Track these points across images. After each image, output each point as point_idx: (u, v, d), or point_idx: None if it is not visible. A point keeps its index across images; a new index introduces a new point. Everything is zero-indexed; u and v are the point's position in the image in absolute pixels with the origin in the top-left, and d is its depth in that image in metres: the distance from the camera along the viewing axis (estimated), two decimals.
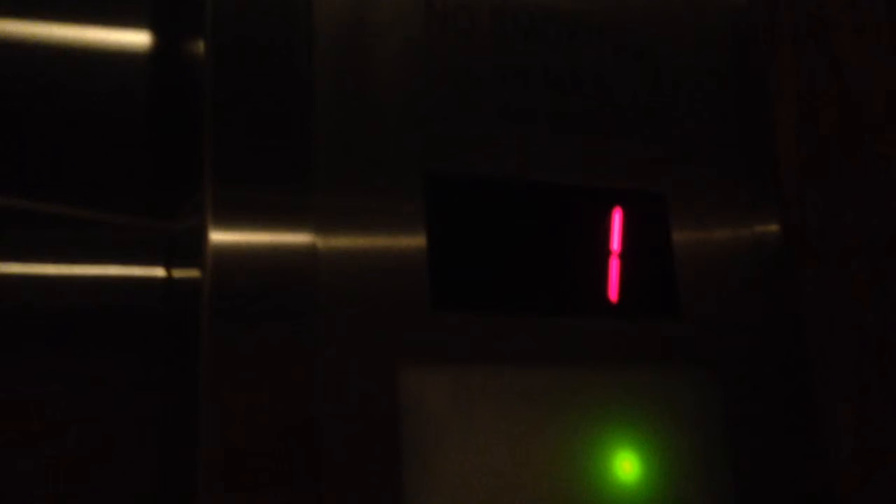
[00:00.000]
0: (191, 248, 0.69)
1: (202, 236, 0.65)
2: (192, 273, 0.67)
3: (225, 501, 0.62)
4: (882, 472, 0.80)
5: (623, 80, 0.82)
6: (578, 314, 0.75)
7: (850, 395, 0.81)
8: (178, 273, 0.74)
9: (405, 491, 0.66)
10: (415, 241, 0.71)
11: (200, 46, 0.70)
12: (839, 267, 0.84)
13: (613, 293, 0.76)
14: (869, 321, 0.83)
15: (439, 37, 0.76)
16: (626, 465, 0.73)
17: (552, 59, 0.79)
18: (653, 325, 0.77)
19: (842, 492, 0.79)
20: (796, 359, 0.81)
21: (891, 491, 0.80)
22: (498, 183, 0.75)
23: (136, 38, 0.81)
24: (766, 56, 0.88)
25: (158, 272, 0.77)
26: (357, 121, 0.72)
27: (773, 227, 0.84)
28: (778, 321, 0.81)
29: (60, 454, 0.72)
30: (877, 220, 0.86)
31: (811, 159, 0.86)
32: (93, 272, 0.75)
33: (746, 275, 0.81)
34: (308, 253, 0.67)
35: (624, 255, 0.77)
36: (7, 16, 0.78)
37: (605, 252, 0.77)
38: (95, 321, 0.74)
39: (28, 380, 0.72)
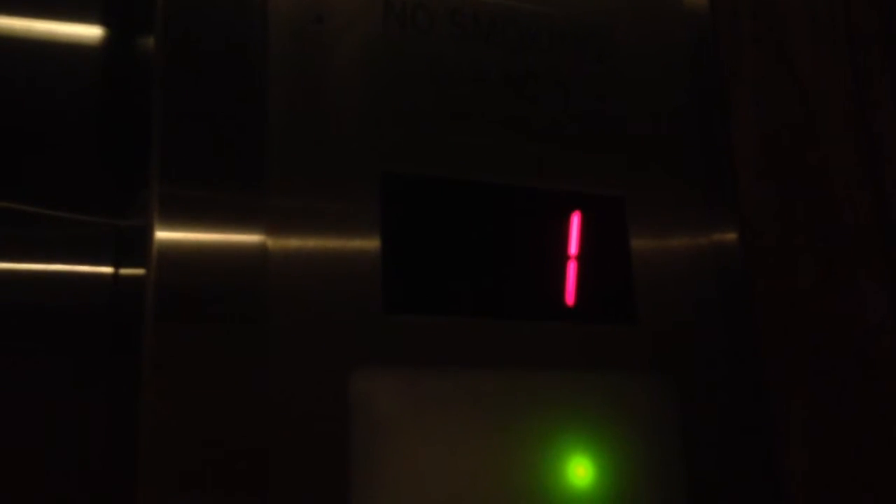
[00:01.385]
0: (137, 245, 0.68)
1: (148, 234, 0.64)
2: (139, 271, 0.67)
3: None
4: (829, 467, 0.80)
5: (583, 84, 0.81)
6: (535, 318, 0.75)
7: (800, 393, 0.81)
8: (126, 271, 0.73)
9: (353, 495, 0.65)
10: (368, 242, 0.70)
11: (151, 43, 0.70)
12: (791, 270, 0.84)
13: (570, 297, 0.76)
14: (818, 323, 0.83)
15: (398, 37, 0.76)
16: (580, 470, 0.73)
17: (512, 62, 0.79)
18: (609, 329, 0.77)
19: (792, 488, 0.79)
20: (750, 362, 0.81)
21: (837, 482, 0.80)
22: (454, 185, 0.74)
23: (87, 33, 0.81)
24: (725, 61, 0.88)
25: (106, 270, 0.76)
26: (312, 120, 0.71)
27: (731, 235, 0.84)
28: (733, 326, 0.81)
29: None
30: (828, 226, 0.86)
31: (768, 165, 0.86)
32: (40, 268, 0.75)
33: (703, 280, 0.81)
34: (258, 253, 0.67)
35: (581, 259, 0.77)
36: None
37: (563, 256, 0.76)
38: (42, 317, 0.74)
39: None
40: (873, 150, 0.88)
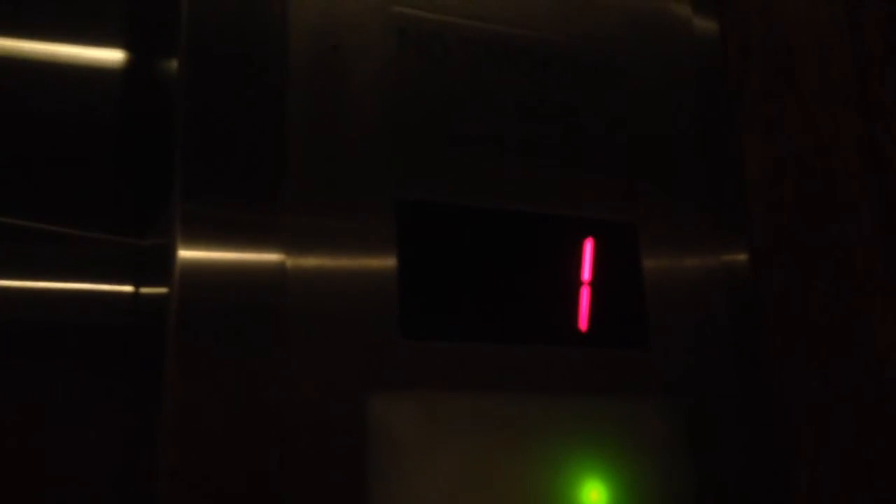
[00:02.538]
0: (159, 265, 0.69)
1: (170, 253, 0.65)
2: (160, 290, 0.67)
3: None
4: (843, 490, 0.80)
5: (595, 111, 0.82)
6: (548, 343, 0.75)
7: (813, 416, 0.81)
8: (146, 290, 0.74)
9: None
10: (385, 264, 0.71)
11: (174, 66, 0.70)
12: (802, 295, 0.84)
13: (583, 323, 0.76)
14: (829, 346, 0.83)
15: (413, 63, 0.77)
16: (594, 494, 0.73)
17: (524, 89, 0.80)
18: (622, 354, 0.77)
19: None
20: (762, 387, 0.81)
21: None
22: (469, 211, 0.75)
23: (108, 56, 0.82)
24: (735, 87, 0.89)
25: (126, 288, 0.76)
26: (329, 143, 0.72)
27: (742, 256, 0.84)
28: (745, 350, 0.82)
29: (22, 464, 0.71)
30: (838, 251, 0.87)
31: (777, 192, 0.87)
32: (61, 287, 0.75)
33: (715, 304, 0.82)
34: (277, 272, 0.67)
35: (594, 285, 0.77)
36: None
37: (576, 281, 0.77)
38: (63, 336, 0.74)
39: None
40: (883, 175, 0.89)
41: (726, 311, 0.82)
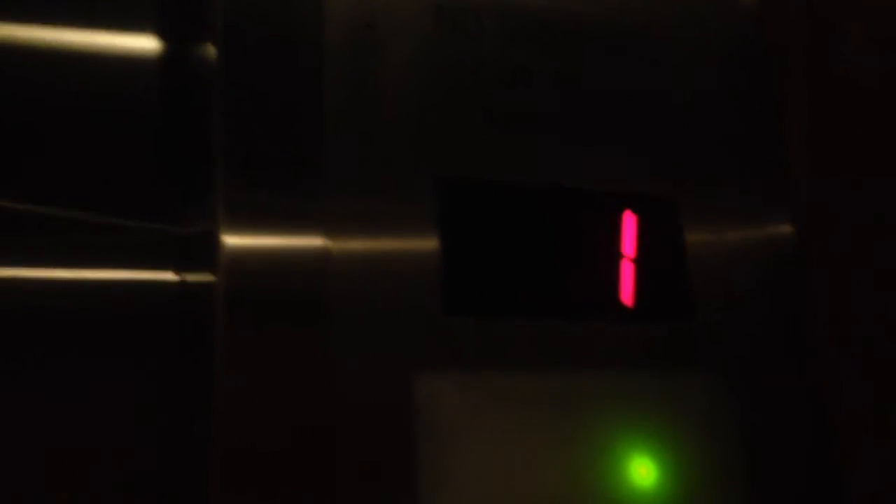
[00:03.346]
0: (203, 252, 0.68)
1: (215, 240, 0.65)
2: (204, 277, 0.67)
3: None
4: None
5: (633, 84, 0.81)
6: (592, 319, 0.74)
7: (865, 398, 0.80)
8: (190, 277, 0.74)
9: (420, 496, 0.65)
10: (427, 244, 0.71)
11: (211, 51, 0.70)
12: (854, 271, 0.83)
13: (627, 297, 0.76)
14: (879, 320, 0.82)
15: (448, 39, 0.76)
16: (642, 470, 0.73)
17: (562, 63, 0.79)
18: (667, 328, 0.77)
19: (857, 484, 0.78)
20: (811, 362, 0.81)
21: None
22: (510, 187, 0.75)
23: (146, 44, 0.81)
24: (777, 56, 0.87)
25: (170, 276, 0.76)
26: (368, 124, 0.71)
27: (786, 229, 0.83)
28: (792, 324, 0.81)
29: (71, 453, 0.72)
30: (886, 217, 0.85)
31: (824, 160, 0.86)
32: (104, 276, 0.75)
33: (760, 277, 0.81)
34: (320, 256, 0.67)
35: (637, 260, 0.77)
36: (17, 22, 0.78)
37: (619, 256, 0.76)
38: (107, 324, 0.74)
39: (40, 382, 0.72)
40: None
41: (771, 286, 0.81)
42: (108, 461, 0.72)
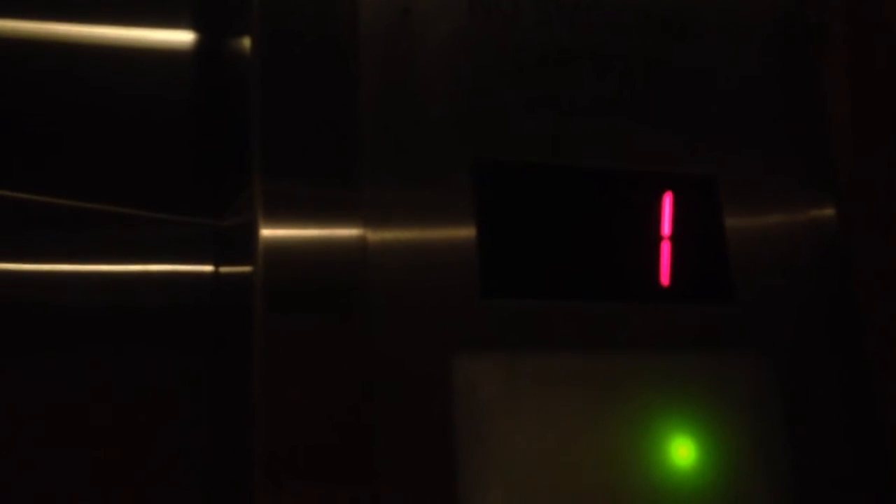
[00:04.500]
0: (240, 243, 0.69)
1: (253, 232, 0.65)
2: (243, 269, 0.68)
3: (280, 493, 0.62)
4: None
5: (671, 63, 0.81)
6: (630, 299, 0.74)
7: None
8: (227, 269, 0.74)
9: (460, 479, 0.66)
10: (463, 229, 0.71)
11: (246, 43, 0.70)
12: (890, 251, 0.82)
13: (665, 277, 0.75)
14: None
15: (484, 24, 0.76)
16: (682, 451, 0.72)
17: (598, 44, 0.79)
18: (706, 308, 0.76)
19: None
20: (854, 344, 0.80)
21: None
22: (546, 168, 0.74)
23: (182, 37, 0.82)
24: (817, 33, 0.86)
25: (207, 268, 0.77)
26: (404, 112, 0.71)
27: (829, 211, 0.82)
28: (835, 306, 0.80)
29: (112, 447, 0.72)
30: None
31: (868, 141, 0.84)
32: (142, 269, 0.76)
33: (801, 258, 0.80)
34: (358, 246, 0.67)
35: (675, 239, 0.76)
36: (55, 19, 0.79)
37: (657, 236, 0.76)
38: (145, 318, 0.75)
39: (79, 374, 0.73)
40: None
41: (813, 266, 0.80)
42: (147, 455, 0.73)
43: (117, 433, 0.73)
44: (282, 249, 0.65)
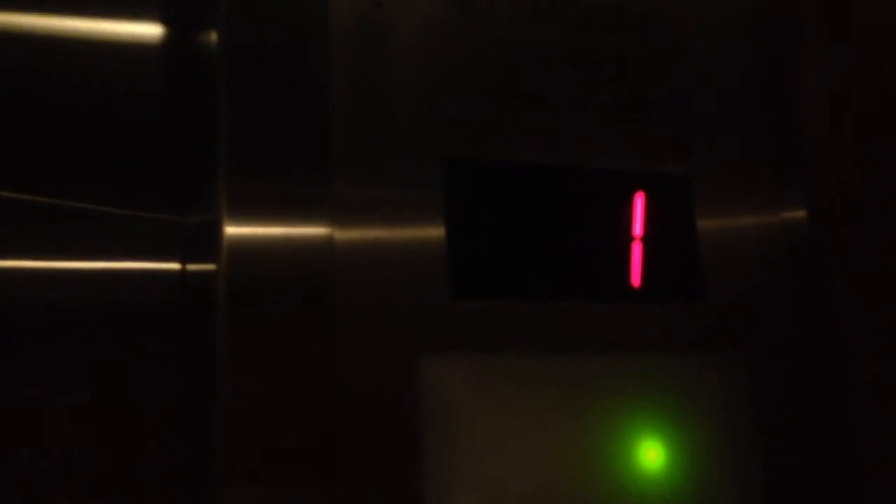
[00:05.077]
0: (206, 241, 0.68)
1: (217, 229, 0.64)
2: (208, 266, 0.67)
3: (241, 493, 0.61)
4: None
5: (645, 63, 0.80)
6: (601, 300, 0.74)
7: (880, 384, 0.79)
8: (194, 266, 0.73)
9: (425, 480, 0.65)
10: (433, 229, 0.70)
11: (213, 38, 0.69)
12: (870, 256, 0.82)
13: (636, 278, 0.75)
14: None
15: (458, 19, 0.75)
16: (651, 453, 0.72)
17: (573, 42, 0.78)
18: (677, 310, 0.76)
19: (872, 481, 0.78)
20: (826, 346, 0.80)
21: None
22: (517, 167, 0.74)
23: (149, 31, 0.80)
24: (793, 34, 0.86)
25: (174, 266, 0.76)
26: (374, 108, 0.70)
27: (801, 213, 0.82)
28: (807, 307, 0.80)
29: (75, 448, 0.71)
30: None
31: (841, 142, 0.84)
32: (108, 266, 0.75)
33: (774, 260, 0.80)
34: (325, 244, 0.66)
35: (647, 240, 0.76)
36: (20, 10, 0.77)
37: (628, 236, 0.76)
38: (111, 315, 0.74)
39: (44, 373, 0.72)
40: None
41: (786, 268, 0.80)
42: (112, 454, 0.72)
43: (80, 432, 0.72)
44: (246, 247, 0.64)
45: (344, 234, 0.67)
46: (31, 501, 0.70)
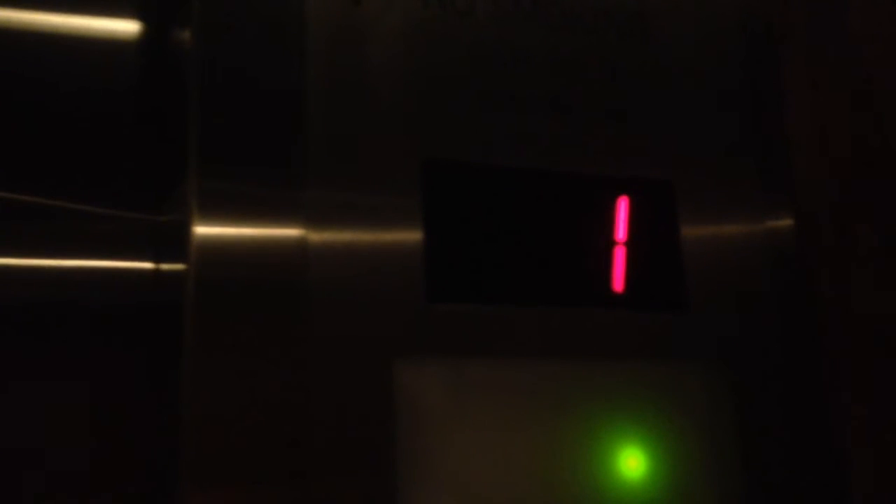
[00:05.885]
0: (176, 240, 0.67)
1: (186, 229, 0.64)
2: (178, 266, 0.66)
3: (206, 499, 0.61)
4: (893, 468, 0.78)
5: (629, 66, 0.79)
6: (581, 305, 0.73)
7: (863, 393, 0.79)
8: (166, 266, 0.73)
9: (399, 486, 0.64)
10: (410, 231, 0.69)
11: (187, 36, 0.68)
12: (855, 265, 0.81)
13: (618, 284, 0.74)
14: (885, 320, 0.80)
15: (438, 19, 0.74)
16: (632, 462, 0.71)
17: (555, 44, 0.77)
18: (659, 317, 0.75)
19: (853, 488, 0.77)
20: (809, 356, 0.79)
21: None
22: (498, 170, 0.73)
23: (122, 27, 0.80)
24: (780, 38, 0.85)
25: (147, 265, 0.75)
26: (351, 109, 0.70)
27: (787, 222, 0.81)
28: (791, 317, 0.79)
29: (45, 448, 0.70)
30: (891, 210, 0.83)
31: (826, 151, 0.83)
32: (79, 265, 0.74)
33: (758, 268, 0.79)
34: (298, 246, 0.66)
35: (629, 245, 0.75)
36: None
37: (610, 242, 0.75)
38: (84, 314, 0.73)
39: (13, 372, 0.71)
40: None
41: (770, 274, 0.79)
42: (84, 455, 0.71)
43: (52, 432, 0.71)
44: (216, 248, 0.64)
45: (318, 236, 0.66)
46: None
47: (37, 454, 0.70)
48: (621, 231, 0.75)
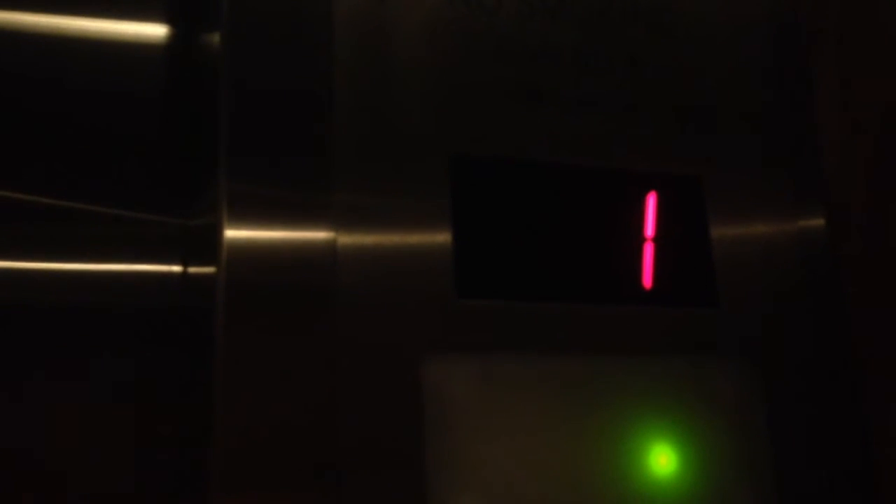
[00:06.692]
0: (206, 244, 0.67)
1: (217, 233, 0.64)
2: (208, 269, 0.66)
3: (238, 501, 0.61)
4: None
5: (657, 61, 0.79)
6: (611, 301, 0.73)
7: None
8: (195, 269, 0.73)
9: (429, 483, 0.64)
10: (439, 228, 0.69)
11: (216, 38, 0.68)
12: (886, 260, 0.80)
13: (647, 280, 0.74)
14: None
15: (464, 16, 0.74)
16: (662, 459, 0.71)
17: (582, 39, 0.77)
18: (689, 313, 0.75)
19: (887, 480, 0.76)
20: (842, 355, 0.78)
21: None
22: (526, 166, 0.73)
23: (152, 31, 0.80)
24: (810, 33, 0.84)
25: (175, 268, 0.76)
26: (378, 109, 0.70)
27: (818, 221, 0.81)
28: (823, 316, 0.79)
29: (77, 449, 0.71)
30: None
31: (859, 151, 0.82)
32: (109, 268, 0.75)
33: (789, 266, 0.79)
34: (327, 248, 0.66)
35: (658, 241, 0.75)
36: (24, 10, 0.77)
37: (639, 238, 0.75)
38: (113, 317, 0.74)
39: (46, 374, 0.71)
40: None
41: (801, 274, 0.79)
42: (114, 458, 0.72)
43: (83, 435, 0.71)
44: (247, 251, 0.64)
45: (348, 238, 0.66)
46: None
47: (62, 455, 0.71)
48: (650, 227, 0.75)
